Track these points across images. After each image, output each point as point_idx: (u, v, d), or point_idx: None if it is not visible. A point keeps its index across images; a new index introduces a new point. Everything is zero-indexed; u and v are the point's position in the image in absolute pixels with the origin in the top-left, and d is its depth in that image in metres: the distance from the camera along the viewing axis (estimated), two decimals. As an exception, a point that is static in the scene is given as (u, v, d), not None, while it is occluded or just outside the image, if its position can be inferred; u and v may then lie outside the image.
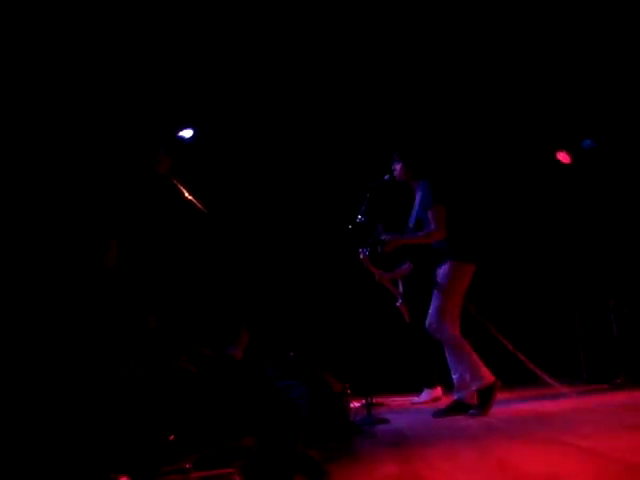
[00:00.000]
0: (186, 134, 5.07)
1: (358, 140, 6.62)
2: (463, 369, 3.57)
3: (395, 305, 5.47)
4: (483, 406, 3.44)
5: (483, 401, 3.47)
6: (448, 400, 3.98)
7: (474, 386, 3.52)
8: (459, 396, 3.68)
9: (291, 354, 3.75)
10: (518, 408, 3.66)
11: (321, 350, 6.23)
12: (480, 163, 6.62)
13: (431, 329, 3.72)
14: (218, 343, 2.72)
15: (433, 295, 3.76)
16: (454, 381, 3.74)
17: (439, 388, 5.09)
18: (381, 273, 5.29)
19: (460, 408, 3.64)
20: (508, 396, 4.31)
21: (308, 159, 6.81)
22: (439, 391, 5.08)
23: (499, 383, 3.53)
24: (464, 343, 3.60)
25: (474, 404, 3.62)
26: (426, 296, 3.99)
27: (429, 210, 3.77)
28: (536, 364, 4.32)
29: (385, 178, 4.13)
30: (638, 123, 5.52)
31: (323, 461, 2.10)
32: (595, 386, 4.54)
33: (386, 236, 3.85)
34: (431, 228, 3.75)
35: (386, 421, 3.68)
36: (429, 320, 3.73)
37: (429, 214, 3.77)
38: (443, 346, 3.74)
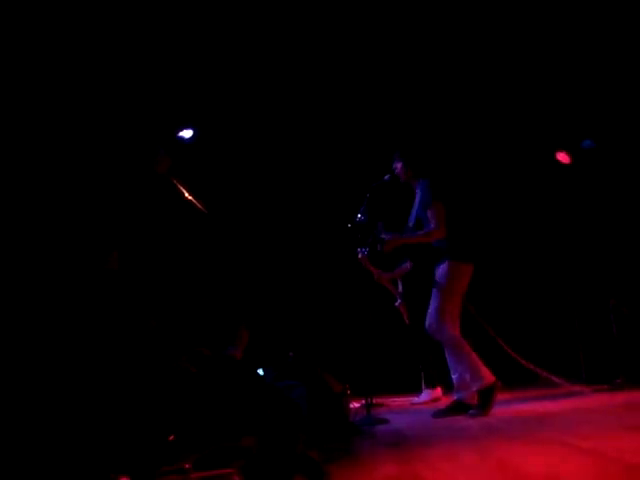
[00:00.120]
0: (186, 134, 5.06)
1: (358, 140, 6.62)
2: (463, 369, 3.57)
3: (394, 305, 5.47)
4: (483, 406, 3.44)
5: (483, 401, 3.47)
6: (448, 400, 3.98)
7: (474, 387, 3.52)
8: (459, 396, 3.68)
9: (290, 354, 3.75)
10: (518, 408, 3.66)
11: (321, 350, 6.23)
12: (480, 163, 6.63)
13: (431, 330, 3.72)
14: (218, 343, 2.72)
15: (432, 296, 3.77)
16: (454, 381, 3.74)
17: (439, 388, 5.09)
18: (380, 273, 5.28)
19: (460, 408, 3.64)
20: (508, 396, 4.31)
21: (308, 159, 6.81)
22: (439, 391, 5.08)
23: (499, 383, 3.54)
24: (464, 343, 3.60)
25: (474, 404, 3.62)
26: (425, 296, 3.99)
27: (428, 209, 3.77)
28: (536, 364, 4.31)
29: (385, 178, 4.13)
30: (638, 123, 5.52)
31: (323, 461, 2.10)
32: (595, 386, 4.54)
33: (386, 235, 3.85)
34: (431, 227, 3.75)
35: (386, 421, 3.67)
36: (429, 321, 3.73)
37: (429, 213, 3.77)
38: (443, 347, 3.75)
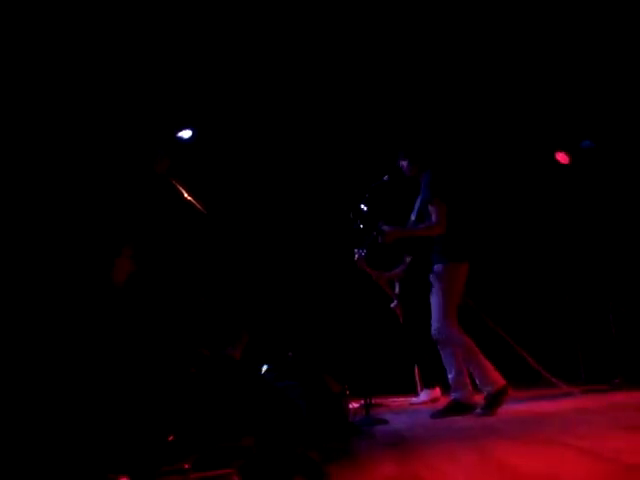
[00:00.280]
0: (185, 134, 5.06)
1: (358, 140, 6.63)
2: (473, 373, 3.53)
3: (390, 306, 5.46)
4: (490, 407, 3.41)
5: (491, 403, 3.43)
6: (447, 400, 3.98)
7: (485, 391, 3.48)
8: (456, 396, 3.68)
9: (290, 355, 3.74)
10: (517, 409, 3.66)
11: (320, 351, 6.23)
12: (480, 164, 6.63)
13: (440, 336, 3.65)
14: (217, 343, 2.71)
15: (434, 301, 3.71)
16: (450, 381, 3.73)
17: (438, 388, 5.09)
18: (377, 274, 5.26)
19: (458, 408, 3.64)
20: (508, 397, 4.30)
21: (308, 159, 6.81)
22: (438, 391, 5.08)
23: (509, 387, 3.49)
24: (474, 346, 3.55)
25: (472, 403, 3.61)
26: (422, 298, 3.97)
27: (430, 204, 3.75)
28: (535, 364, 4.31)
29: (384, 179, 4.12)
30: (637, 123, 5.53)
31: (322, 462, 2.09)
32: (594, 386, 4.54)
33: (387, 227, 3.83)
34: (432, 221, 3.72)
35: (385, 422, 3.67)
36: (435, 327, 3.66)
37: (430, 208, 3.75)
38: (446, 348, 3.71)
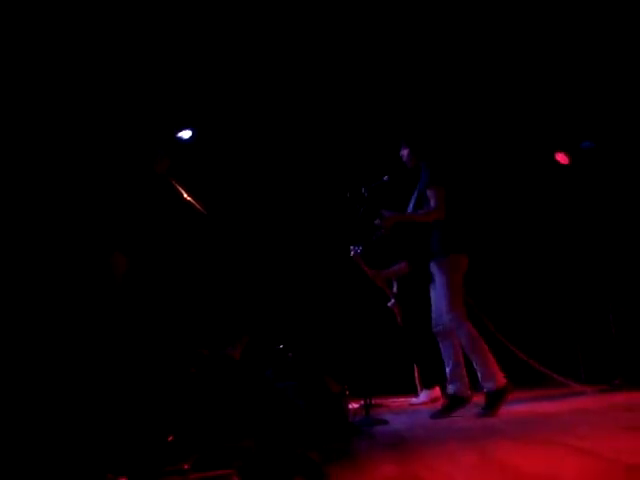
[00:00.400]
0: (185, 135, 5.06)
1: (357, 141, 6.63)
2: (476, 366, 3.50)
3: (387, 305, 5.44)
4: (491, 407, 3.38)
5: (492, 402, 3.40)
6: (445, 400, 3.98)
7: (485, 388, 3.46)
8: (453, 389, 3.66)
9: (290, 355, 3.74)
10: (517, 409, 3.66)
11: (320, 351, 6.23)
12: (479, 165, 6.63)
13: (449, 327, 3.61)
14: (217, 344, 2.71)
15: (437, 294, 3.70)
16: (447, 373, 3.71)
17: (437, 388, 5.09)
18: (374, 272, 5.24)
19: (456, 403, 3.63)
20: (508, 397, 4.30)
21: (307, 159, 6.81)
22: (437, 391, 5.08)
23: (511, 387, 3.47)
24: (481, 340, 3.52)
25: (468, 396, 3.61)
26: (420, 297, 3.96)
27: (428, 189, 3.73)
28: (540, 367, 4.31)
29: (384, 179, 4.12)
30: (637, 124, 5.53)
31: (322, 462, 2.09)
32: (593, 387, 4.54)
33: (385, 212, 3.82)
34: (431, 206, 3.71)
35: (385, 422, 3.67)
36: (444, 321, 3.63)
37: (428, 193, 3.73)
38: (448, 342, 3.70)
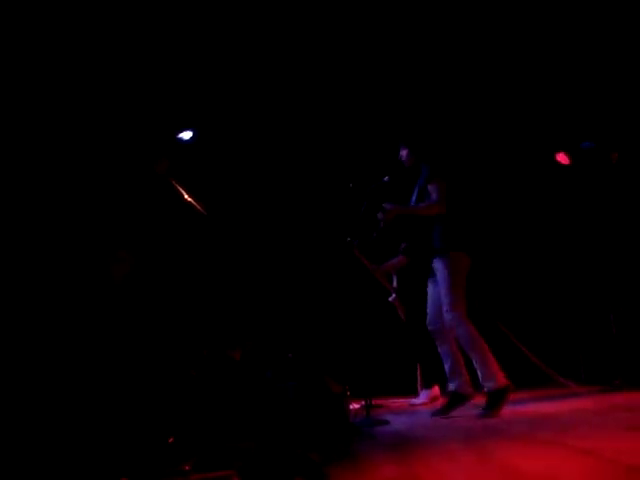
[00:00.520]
0: (185, 136, 5.07)
1: (357, 141, 6.63)
2: (478, 366, 3.49)
3: (388, 300, 5.43)
4: (492, 407, 3.37)
5: (493, 403, 3.39)
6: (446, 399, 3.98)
7: (486, 387, 3.46)
8: (453, 386, 3.67)
9: (290, 355, 3.74)
10: (517, 409, 3.66)
11: (320, 352, 6.23)
12: (480, 166, 6.63)
13: (450, 325, 3.61)
14: (217, 344, 2.71)
15: (439, 292, 3.68)
16: (446, 371, 3.71)
17: (436, 387, 5.09)
18: (374, 267, 5.24)
19: (457, 400, 3.63)
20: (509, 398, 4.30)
21: (308, 160, 6.81)
22: (437, 390, 5.08)
23: (512, 387, 3.46)
24: (481, 340, 3.51)
25: (469, 393, 3.61)
26: (421, 292, 3.96)
27: (430, 184, 3.73)
28: (534, 365, 4.31)
29: (384, 179, 4.13)
30: (638, 124, 5.53)
31: (322, 463, 2.09)
32: (594, 387, 4.54)
33: (388, 205, 3.81)
34: (432, 199, 3.71)
35: (386, 422, 3.67)
36: (443, 319, 3.63)
37: (430, 187, 3.73)
38: (445, 340, 3.70)
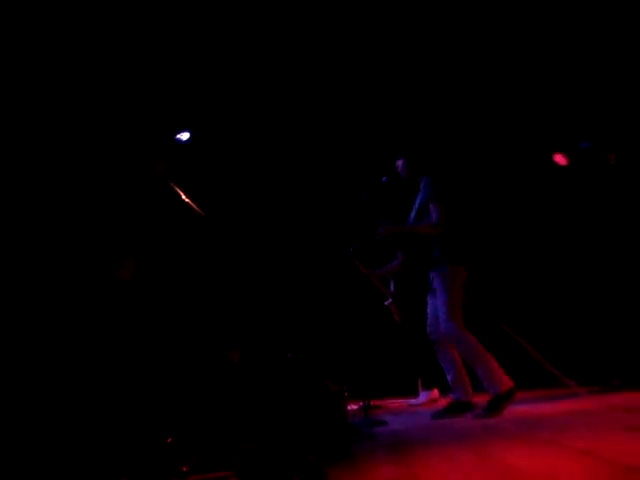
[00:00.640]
0: (183, 136, 5.06)
1: (357, 142, 6.63)
2: (481, 376, 3.49)
3: (384, 304, 5.42)
4: (494, 409, 3.37)
5: (495, 404, 3.39)
6: (445, 401, 3.98)
7: (492, 392, 3.45)
8: (456, 396, 3.68)
9: (289, 356, 3.73)
10: (516, 410, 3.65)
11: (319, 352, 6.22)
12: (477, 167, 6.63)
13: (448, 337, 3.63)
14: (217, 345, 2.71)
15: (436, 302, 3.71)
16: (449, 382, 3.72)
17: (436, 390, 5.09)
18: (369, 271, 5.23)
19: (459, 408, 3.64)
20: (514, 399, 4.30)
21: (306, 161, 6.81)
22: (436, 393, 5.08)
23: (516, 390, 3.46)
24: (481, 347, 3.52)
25: (472, 402, 3.61)
26: (418, 296, 3.96)
27: (431, 203, 3.75)
28: (536, 365, 4.31)
29: (383, 180, 4.13)
30: (637, 124, 5.53)
31: (321, 463, 2.09)
32: (592, 387, 4.54)
33: (387, 224, 3.84)
34: (432, 219, 3.73)
35: (384, 423, 3.67)
36: (444, 329, 3.63)
37: (431, 207, 3.75)
38: (445, 349, 3.71)
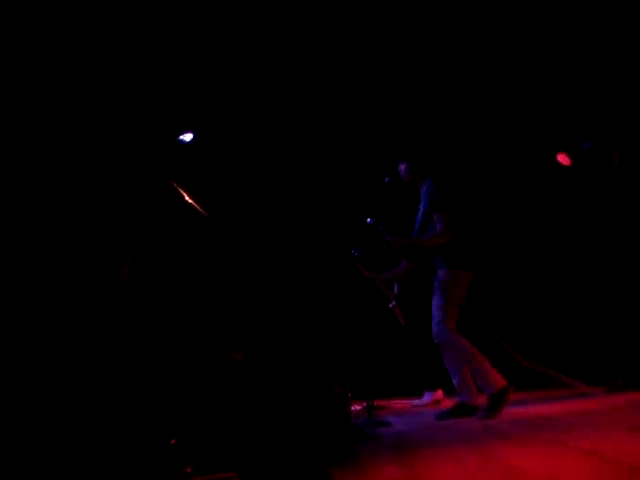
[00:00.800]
0: (186, 137, 5.07)
1: (358, 143, 6.63)
2: (475, 377, 3.52)
3: (388, 307, 5.42)
4: (492, 409, 3.39)
5: (493, 405, 3.41)
6: (449, 403, 3.97)
7: (486, 392, 3.47)
8: (462, 399, 3.68)
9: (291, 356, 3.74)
10: (520, 411, 3.65)
11: (322, 353, 6.22)
12: (480, 169, 6.62)
13: (440, 340, 3.66)
14: (218, 346, 2.71)
15: (435, 305, 3.72)
16: (455, 386, 3.72)
17: (440, 391, 5.08)
18: (373, 275, 5.24)
19: (463, 410, 3.63)
20: (510, 399, 4.29)
21: (309, 162, 6.81)
22: (440, 394, 5.08)
23: (511, 388, 3.48)
24: (473, 350, 3.54)
25: (477, 405, 3.61)
26: (422, 299, 3.96)
27: (434, 213, 3.76)
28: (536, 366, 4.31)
29: (385, 181, 4.13)
30: (639, 125, 5.52)
31: (324, 464, 2.09)
32: (596, 388, 4.53)
33: (392, 238, 3.84)
34: (437, 230, 3.73)
35: (388, 424, 3.66)
36: (436, 331, 3.66)
37: (435, 217, 3.75)
38: (446, 352, 3.71)
